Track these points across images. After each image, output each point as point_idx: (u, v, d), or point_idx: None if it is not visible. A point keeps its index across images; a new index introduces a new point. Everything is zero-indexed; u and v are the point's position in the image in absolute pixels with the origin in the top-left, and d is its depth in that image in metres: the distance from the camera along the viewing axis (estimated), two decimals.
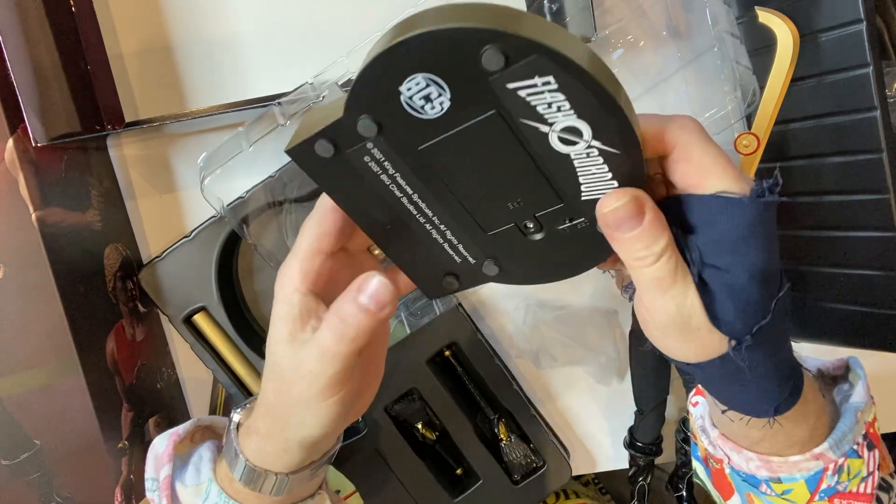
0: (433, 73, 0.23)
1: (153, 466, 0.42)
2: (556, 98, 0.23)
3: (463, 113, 0.25)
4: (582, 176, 0.27)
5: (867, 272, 0.44)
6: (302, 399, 0.33)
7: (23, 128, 0.43)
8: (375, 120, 0.25)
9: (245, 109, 0.46)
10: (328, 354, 0.31)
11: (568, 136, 0.25)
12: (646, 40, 0.51)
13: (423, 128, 0.25)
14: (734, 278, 0.28)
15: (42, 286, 0.43)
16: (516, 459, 0.54)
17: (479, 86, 0.23)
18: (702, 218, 0.28)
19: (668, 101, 0.51)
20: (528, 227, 0.29)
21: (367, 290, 0.30)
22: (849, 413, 0.35)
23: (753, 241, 0.28)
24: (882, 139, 0.40)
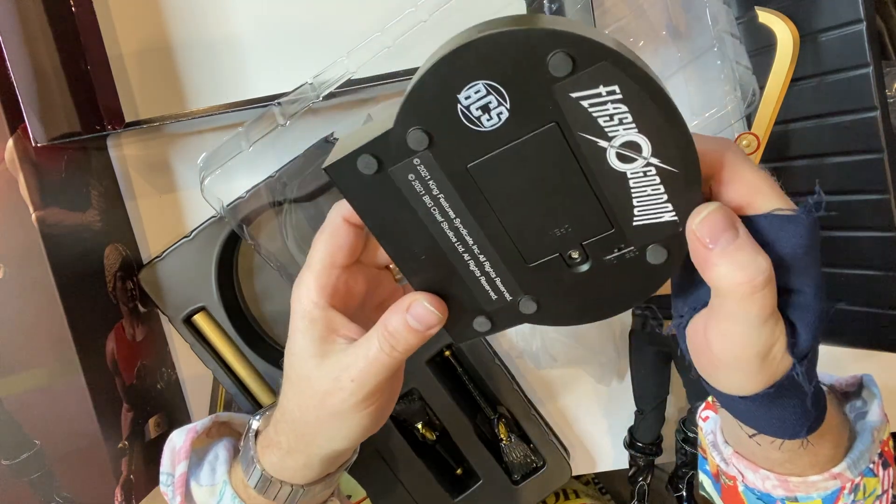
0: (496, 80, 0.23)
1: (169, 461, 0.43)
2: (619, 109, 0.23)
3: (521, 126, 0.24)
4: (636, 198, 0.26)
5: (867, 272, 0.44)
6: (336, 411, 0.33)
7: (23, 128, 0.43)
8: (427, 132, 0.24)
9: (245, 109, 0.46)
10: (376, 364, 0.31)
11: (627, 151, 0.24)
12: (646, 40, 0.51)
13: (477, 142, 0.24)
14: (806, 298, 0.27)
15: (42, 286, 0.43)
16: (516, 459, 0.54)
17: (541, 95, 0.23)
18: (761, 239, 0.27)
19: None
20: (574, 258, 0.28)
21: (414, 312, 0.31)
22: (866, 432, 0.35)
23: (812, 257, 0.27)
24: (882, 139, 0.40)
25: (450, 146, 0.25)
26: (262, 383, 0.54)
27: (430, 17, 0.41)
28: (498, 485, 0.54)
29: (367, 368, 0.32)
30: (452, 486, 0.55)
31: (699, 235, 0.26)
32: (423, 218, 0.28)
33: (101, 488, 0.46)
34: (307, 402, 0.34)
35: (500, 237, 0.28)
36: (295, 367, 0.34)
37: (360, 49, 0.42)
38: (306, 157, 0.50)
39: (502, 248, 0.28)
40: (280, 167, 0.50)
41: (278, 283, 0.55)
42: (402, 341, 0.31)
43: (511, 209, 0.27)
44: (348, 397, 0.33)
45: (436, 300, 0.31)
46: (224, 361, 0.54)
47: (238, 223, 0.49)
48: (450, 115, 0.24)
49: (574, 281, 0.29)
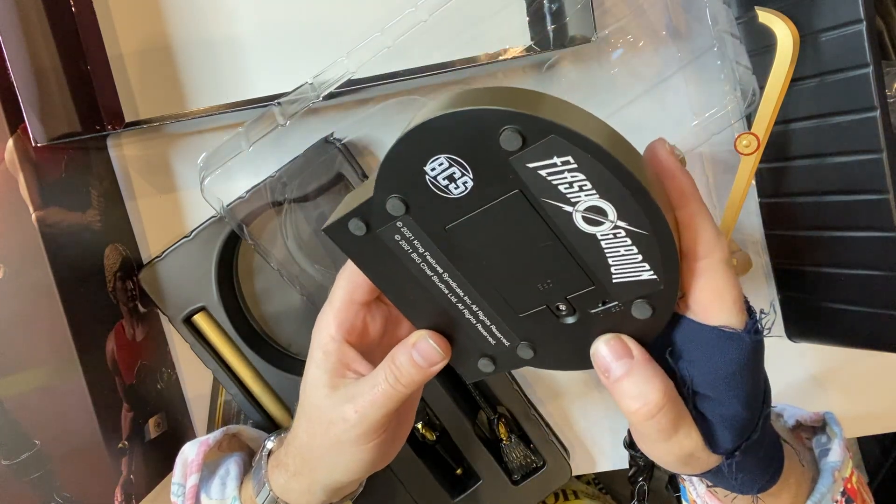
0: (455, 153, 0.24)
1: (181, 472, 0.45)
2: (577, 178, 0.23)
3: (487, 192, 0.25)
4: (611, 257, 0.26)
5: (867, 272, 0.44)
6: (339, 441, 0.34)
7: (23, 128, 0.43)
8: (403, 200, 0.26)
9: (245, 109, 0.46)
10: (381, 397, 0.33)
11: (592, 215, 0.25)
12: (646, 40, 0.51)
13: (450, 207, 0.26)
14: (729, 409, 0.29)
15: (42, 286, 0.43)
16: (516, 459, 0.54)
17: (500, 166, 0.24)
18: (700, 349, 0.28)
19: (668, 101, 0.51)
20: (561, 310, 0.29)
21: (419, 348, 0.32)
22: (826, 473, 0.37)
23: (747, 373, 0.28)
24: (882, 139, 0.40)
25: (425, 211, 0.26)
26: (263, 383, 0.54)
27: (430, 17, 0.41)
28: (498, 485, 0.54)
29: (371, 400, 0.33)
30: (452, 486, 0.55)
31: (597, 365, 0.28)
32: (415, 272, 0.29)
33: (101, 488, 0.46)
34: (315, 429, 0.35)
35: (489, 290, 0.29)
36: (307, 395, 0.36)
37: (360, 49, 0.42)
38: (306, 157, 0.50)
39: (492, 299, 0.30)
40: (280, 167, 0.50)
41: (278, 283, 0.55)
42: (407, 376, 0.32)
43: (493, 265, 0.28)
44: (350, 429, 0.34)
45: (439, 338, 0.32)
46: (224, 361, 0.54)
47: (238, 223, 0.49)
48: (420, 184, 0.25)
49: (565, 331, 0.30)
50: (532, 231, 0.26)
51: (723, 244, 0.27)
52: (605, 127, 0.23)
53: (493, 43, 0.50)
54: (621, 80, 0.51)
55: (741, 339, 0.28)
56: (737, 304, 0.27)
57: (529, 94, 0.23)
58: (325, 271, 0.52)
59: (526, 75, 0.51)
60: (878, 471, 0.83)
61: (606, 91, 0.51)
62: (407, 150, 0.24)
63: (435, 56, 0.47)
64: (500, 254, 0.28)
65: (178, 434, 0.55)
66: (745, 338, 0.28)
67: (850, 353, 0.55)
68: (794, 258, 0.49)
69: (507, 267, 0.28)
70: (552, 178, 0.24)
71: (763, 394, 0.31)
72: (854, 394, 0.56)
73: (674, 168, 0.26)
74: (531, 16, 0.50)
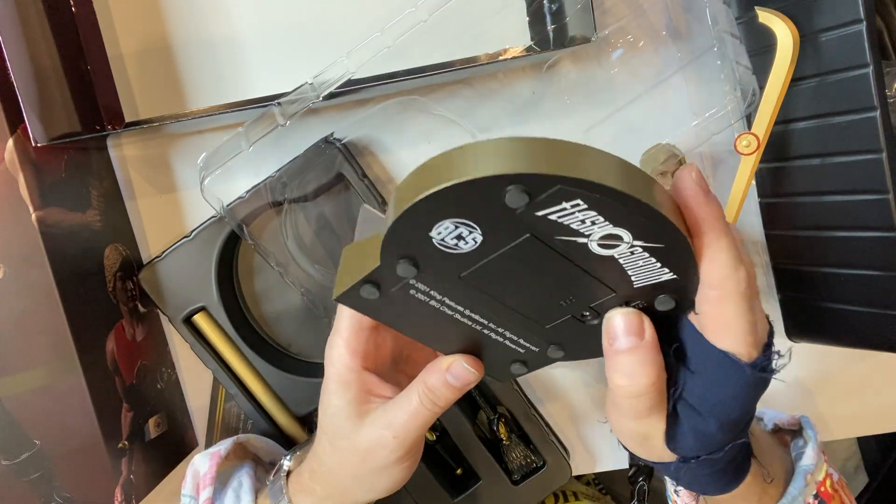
0: (460, 217, 0.23)
1: (192, 485, 0.45)
2: (588, 215, 0.23)
3: (497, 241, 0.25)
4: (630, 270, 0.26)
5: (867, 272, 0.44)
6: (378, 466, 0.35)
7: (23, 128, 0.43)
8: (413, 262, 0.26)
9: (245, 109, 0.46)
10: (417, 419, 0.34)
11: (608, 241, 0.25)
12: (646, 40, 0.51)
13: (461, 259, 0.26)
14: (706, 426, 0.29)
15: (42, 286, 0.43)
16: (516, 459, 0.54)
17: (509, 219, 0.23)
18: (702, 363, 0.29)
19: (668, 101, 0.51)
20: (586, 316, 0.30)
21: (454, 372, 0.33)
22: (799, 476, 0.38)
23: (738, 404, 0.29)
24: (882, 139, 0.40)
25: (437, 268, 0.26)
26: (262, 383, 0.54)
27: (430, 17, 0.41)
28: (498, 485, 0.54)
29: (408, 424, 0.34)
30: (452, 486, 0.55)
31: (606, 329, 0.29)
32: (436, 314, 0.30)
33: (101, 488, 0.46)
34: (347, 458, 0.36)
35: (512, 314, 0.30)
36: (333, 427, 0.36)
37: (360, 49, 0.42)
38: (306, 157, 0.50)
39: (516, 320, 0.30)
40: (280, 167, 0.50)
41: (278, 283, 0.55)
42: (443, 398, 0.33)
43: (513, 295, 0.28)
44: (390, 454, 0.35)
45: (472, 360, 0.33)
46: (224, 361, 0.54)
47: (238, 223, 0.49)
48: (427, 246, 0.25)
49: (592, 330, 0.30)
50: (547, 264, 0.26)
51: (738, 276, 0.26)
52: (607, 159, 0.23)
53: (493, 43, 0.50)
54: (621, 80, 0.51)
55: (743, 371, 0.28)
56: (746, 336, 0.27)
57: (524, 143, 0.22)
58: (325, 271, 0.52)
59: (526, 75, 0.51)
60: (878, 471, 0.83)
61: (606, 91, 0.51)
62: (409, 222, 0.24)
63: (435, 56, 0.47)
64: (518, 285, 0.28)
65: (178, 434, 0.55)
66: (747, 370, 0.27)
67: (850, 353, 0.55)
68: (794, 258, 0.49)
69: (527, 294, 0.28)
70: (563, 219, 0.23)
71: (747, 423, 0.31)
72: (854, 394, 0.56)
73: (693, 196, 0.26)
74: (531, 16, 0.50)
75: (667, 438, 0.30)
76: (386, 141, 0.53)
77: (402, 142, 0.52)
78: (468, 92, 0.51)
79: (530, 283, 0.27)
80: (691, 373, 0.29)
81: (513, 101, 0.52)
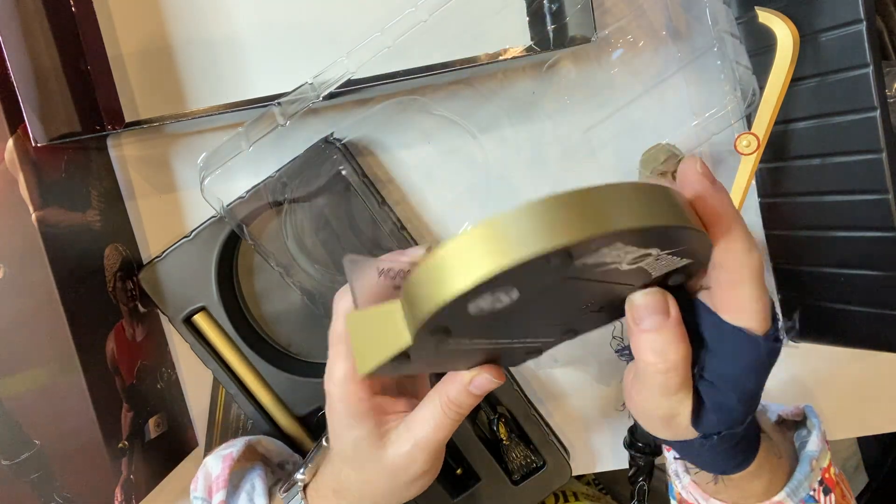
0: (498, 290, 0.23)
1: (204, 487, 0.45)
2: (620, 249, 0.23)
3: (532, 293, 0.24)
4: (653, 270, 0.27)
5: (867, 272, 0.44)
6: (410, 479, 0.36)
7: (23, 128, 0.43)
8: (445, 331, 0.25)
9: (245, 109, 0.46)
10: (443, 430, 0.35)
11: (638, 259, 0.25)
12: (646, 40, 0.51)
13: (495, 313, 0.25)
14: (726, 399, 0.30)
15: (42, 286, 0.43)
16: (516, 459, 0.54)
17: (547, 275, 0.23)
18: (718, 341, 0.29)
19: (668, 101, 0.51)
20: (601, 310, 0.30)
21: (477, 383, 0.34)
22: (804, 462, 0.38)
23: (755, 375, 0.30)
24: (882, 139, 0.40)
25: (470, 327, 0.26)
26: (262, 383, 0.54)
27: (430, 17, 0.41)
28: (498, 485, 0.54)
29: (433, 436, 0.35)
30: (452, 486, 0.55)
31: (631, 311, 0.29)
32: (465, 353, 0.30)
33: (101, 488, 0.46)
34: (375, 478, 0.37)
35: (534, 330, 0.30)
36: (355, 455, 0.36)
37: (360, 49, 0.42)
38: (306, 157, 0.50)
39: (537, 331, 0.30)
40: (280, 167, 0.50)
41: (278, 283, 0.55)
42: (466, 406, 0.34)
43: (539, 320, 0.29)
44: (421, 466, 0.36)
45: (496, 370, 0.34)
46: (224, 361, 0.54)
47: (238, 223, 0.49)
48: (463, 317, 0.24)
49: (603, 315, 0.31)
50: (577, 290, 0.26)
51: (753, 258, 0.27)
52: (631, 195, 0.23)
53: (493, 43, 0.50)
54: (621, 80, 0.51)
55: (759, 344, 0.28)
56: (762, 312, 0.28)
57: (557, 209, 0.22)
58: (325, 271, 0.52)
59: (526, 75, 0.51)
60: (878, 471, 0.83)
61: (606, 91, 0.51)
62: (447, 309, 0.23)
63: (435, 56, 0.47)
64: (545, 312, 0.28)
65: (178, 434, 0.55)
66: (762, 343, 0.28)
67: (850, 353, 0.55)
68: (794, 258, 0.49)
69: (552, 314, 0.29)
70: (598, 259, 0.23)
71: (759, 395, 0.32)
72: (854, 394, 0.56)
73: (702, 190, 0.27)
74: (531, 16, 0.50)
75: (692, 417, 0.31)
76: (386, 141, 0.53)
77: (402, 142, 0.52)
78: (468, 92, 0.51)
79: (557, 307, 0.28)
80: (709, 351, 0.30)
81: (513, 101, 0.52)
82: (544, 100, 0.52)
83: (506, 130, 0.52)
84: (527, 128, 0.52)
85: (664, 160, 0.48)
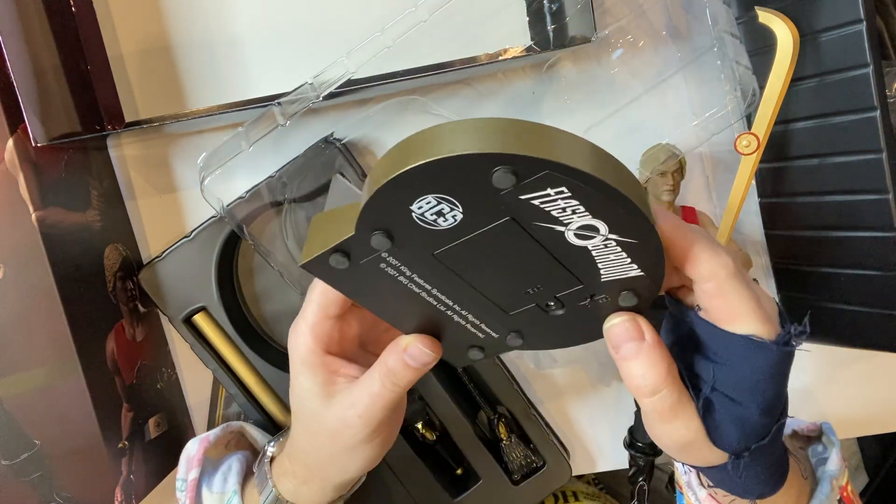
0: (444, 193, 0.23)
1: (184, 468, 0.46)
2: (570, 203, 0.24)
3: (476, 221, 0.25)
4: (601, 263, 0.27)
5: (867, 272, 0.44)
6: (347, 446, 0.36)
7: (23, 128, 0.43)
8: (388, 234, 0.26)
9: (245, 109, 0.46)
10: (380, 399, 0.34)
11: (584, 232, 0.25)
12: (646, 40, 0.51)
13: (437, 236, 0.26)
14: (746, 412, 0.29)
15: (42, 286, 0.43)
16: (516, 459, 0.54)
17: (491, 200, 0.24)
18: (726, 353, 0.29)
19: (668, 101, 0.51)
20: (550, 305, 0.30)
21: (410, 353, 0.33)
22: (825, 481, 0.38)
23: (772, 382, 0.29)
24: (882, 139, 0.40)
25: (412, 243, 0.26)
26: (262, 383, 0.54)
27: (430, 17, 0.41)
28: (498, 485, 0.54)
29: (372, 404, 0.34)
30: (452, 486, 0.55)
31: (609, 340, 0.29)
32: (401, 291, 0.29)
33: (101, 488, 0.46)
34: (318, 439, 0.37)
35: (477, 297, 0.30)
36: (303, 409, 0.36)
37: (360, 49, 0.42)
38: (306, 157, 0.50)
39: (481, 304, 0.30)
40: (280, 167, 0.50)
41: (278, 283, 0.55)
42: (402, 377, 0.33)
43: (483, 279, 0.28)
44: (357, 433, 0.35)
45: (429, 341, 0.33)
46: (224, 361, 0.54)
47: (238, 223, 0.49)
48: (406, 220, 0.25)
49: (554, 320, 0.31)
50: (522, 249, 0.26)
51: (724, 260, 0.27)
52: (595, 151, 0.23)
53: (493, 43, 0.50)
54: (621, 80, 0.51)
55: (769, 349, 0.28)
56: (757, 313, 0.28)
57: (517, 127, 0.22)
58: None
59: (526, 75, 0.51)
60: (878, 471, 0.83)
61: (606, 91, 0.51)
62: (392, 192, 0.23)
63: (435, 56, 0.47)
64: (489, 269, 0.28)
65: (178, 434, 0.55)
66: (772, 348, 0.28)
67: (850, 353, 0.55)
68: (794, 258, 0.49)
69: (496, 278, 0.28)
70: (545, 205, 0.24)
71: (783, 404, 0.31)
72: (854, 394, 0.56)
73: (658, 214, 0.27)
74: (531, 16, 0.50)
75: (711, 436, 0.30)
76: (386, 141, 0.53)
77: None
78: (468, 92, 0.51)
79: (501, 267, 0.27)
80: (720, 365, 0.29)
81: (513, 101, 0.52)
82: (544, 100, 0.52)
83: None
84: None
85: (664, 160, 0.48)
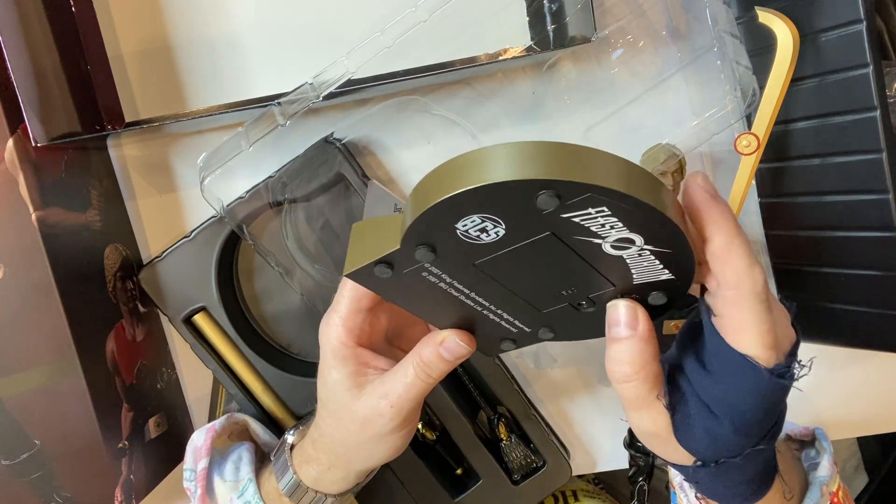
0: (489, 213, 0.25)
1: (192, 458, 0.47)
2: (609, 220, 0.25)
3: (517, 236, 0.26)
4: (634, 268, 0.28)
5: (867, 272, 0.44)
6: (377, 434, 0.37)
7: (23, 128, 0.43)
8: (432, 248, 0.27)
9: (245, 109, 0.46)
10: (413, 390, 0.35)
11: (621, 244, 0.26)
12: (646, 40, 0.51)
13: (478, 248, 0.27)
14: (718, 426, 0.29)
15: (42, 286, 0.43)
16: (516, 459, 0.54)
17: (533, 218, 0.25)
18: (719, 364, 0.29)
19: (668, 101, 0.51)
20: (582, 304, 0.31)
21: (446, 346, 0.34)
22: (815, 487, 0.38)
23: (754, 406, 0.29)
24: (882, 139, 0.40)
25: (454, 255, 0.27)
26: (263, 383, 0.54)
27: (430, 17, 0.41)
28: (498, 485, 0.54)
29: (405, 394, 0.36)
30: (452, 486, 0.55)
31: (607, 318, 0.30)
32: (441, 295, 0.31)
33: (101, 488, 0.46)
34: (347, 427, 0.38)
35: (513, 299, 0.31)
36: (333, 399, 0.38)
37: (360, 49, 0.42)
38: (306, 157, 0.50)
39: (516, 304, 0.32)
40: (280, 167, 0.50)
41: (278, 283, 0.55)
42: (436, 369, 0.35)
43: (519, 284, 0.30)
44: (388, 422, 0.37)
45: (465, 335, 0.34)
46: (224, 361, 0.54)
47: (238, 223, 0.49)
48: (450, 236, 0.26)
49: (585, 317, 0.32)
50: (559, 258, 0.27)
51: (754, 275, 0.27)
52: (634, 171, 0.24)
53: (493, 43, 0.50)
54: (621, 80, 0.51)
55: (760, 375, 0.28)
56: (764, 338, 0.27)
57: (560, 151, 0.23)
58: (324, 271, 0.51)
59: (526, 75, 0.51)
60: (878, 471, 0.83)
61: (606, 91, 0.51)
62: (439, 212, 0.25)
63: (435, 56, 0.47)
64: (526, 275, 0.29)
65: (178, 434, 0.55)
66: (764, 374, 0.27)
67: (850, 353, 0.55)
68: (794, 258, 0.49)
69: (533, 283, 0.30)
70: (585, 222, 0.25)
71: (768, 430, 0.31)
72: (854, 394, 0.56)
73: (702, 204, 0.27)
74: (531, 16, 0.50)
75: (677, 434, 0.30)
76: (386, 141, 0.53)
77: (402, 142, 0.52)
78: (468, 92, 0.51)
79: (538, 273, 0.29)
80: (707, 372, 0.29)
81: (513, 101, 0.52)
82: (544, 100, 0.52)
83: (506, 130, 0.52)
84: (527, 128, 0.52)
85: (664, 160, 0.48)
